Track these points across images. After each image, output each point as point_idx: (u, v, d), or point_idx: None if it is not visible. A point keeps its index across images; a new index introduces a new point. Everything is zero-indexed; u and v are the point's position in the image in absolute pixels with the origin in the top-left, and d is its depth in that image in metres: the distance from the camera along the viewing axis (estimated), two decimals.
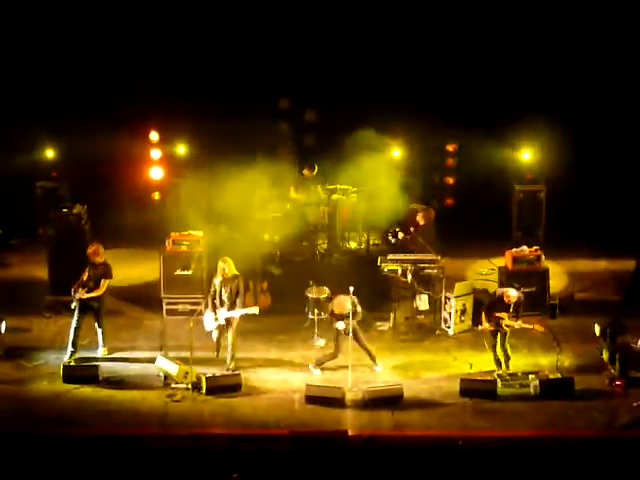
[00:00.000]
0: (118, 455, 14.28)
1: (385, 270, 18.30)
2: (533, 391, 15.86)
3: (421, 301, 18.44)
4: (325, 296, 17.75)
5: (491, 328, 16.30)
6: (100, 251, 16.87)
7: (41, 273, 19.38)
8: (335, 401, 15.59)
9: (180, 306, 18.47)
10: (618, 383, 16.00)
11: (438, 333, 18.05)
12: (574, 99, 20.67)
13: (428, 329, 18.18)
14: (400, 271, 18.22)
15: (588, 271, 20.33)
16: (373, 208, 19.34)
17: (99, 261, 16.84)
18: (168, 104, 20.76)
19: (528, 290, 17.82)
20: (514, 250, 18.69)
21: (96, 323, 16.97)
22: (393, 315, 18.21)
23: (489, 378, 16.13)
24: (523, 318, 16.20)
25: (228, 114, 20.76)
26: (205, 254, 18.57)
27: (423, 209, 19.76)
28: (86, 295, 16.65)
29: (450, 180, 22.03)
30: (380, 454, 14.40)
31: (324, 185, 20.16)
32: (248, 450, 14.46)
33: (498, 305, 16.27)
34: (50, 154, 21.46)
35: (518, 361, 16.64)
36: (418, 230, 19.15)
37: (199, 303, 17.50)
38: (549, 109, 20.29)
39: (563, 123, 20.27)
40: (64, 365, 16.34)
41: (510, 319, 16.12)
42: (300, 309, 18.00)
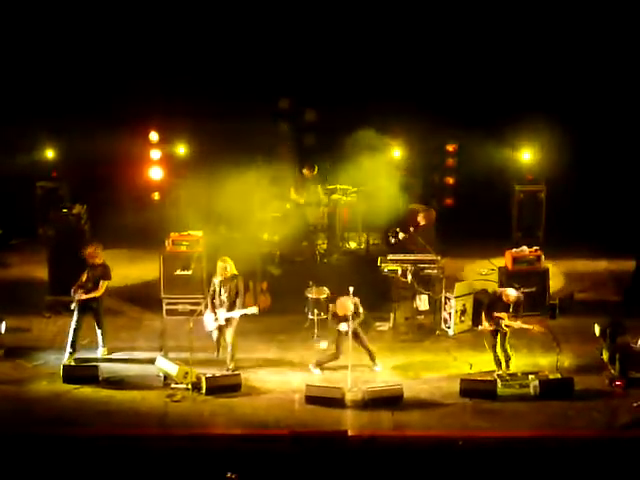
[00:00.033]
0: (118, 455, 14.27)
1: (385, 270, 18.30)
2: (533, 391, 15.85)
3: (421, 301, 18.44)
4: (325, 296, 17.75)
5: (491, 328, 16.30)
6: (98, 252, 16.86)
7: (41, 273, 19.36)
8: (335, 401, 15.58)
9: (180, 306, 18.46)
10: (618, 383, 15.99)
11: (438, 333, 18.04)
12: (574, 99, 20.66)
13: (428, 329, 18.17)
14: (400, 271, 18.22)
15: (588, 271, 20.30)
16: (373, 208, 19.34)
17: (97, 262, 16.83)
18: (168, 104, 20.75)
19: (528, 290, 17.82)
20: (514, 250, 18.67)
21: (96, 324, 16.98)
22: (393, 315, 18.20)
23: (489, 378, 16.13)
24: (523, 318, 16.21)
25: (228, 114, 20.75)
26: (205, 254, 18.56)
27: (424, 209, 19.75)
28: (84, 296, 16.65)
29: (450, 180, 22.01)
30: (380, 454, 14.39)
31: (324, 185, 20.17)
32: (248, 450, 14.46)
33: (498, 305, 16.26)
34: (50, 154, 21.45)
35: (518, 361, 16.63)
36: (418, 230, 19.14)
37: (199, 303, 17.49)
38: (549, 109, 20.27)
39: (563, 123, 20.25)
40: (64, 365, 16.33)
41: (510, 319, 16.14)
42: (300, 309, 18.00)
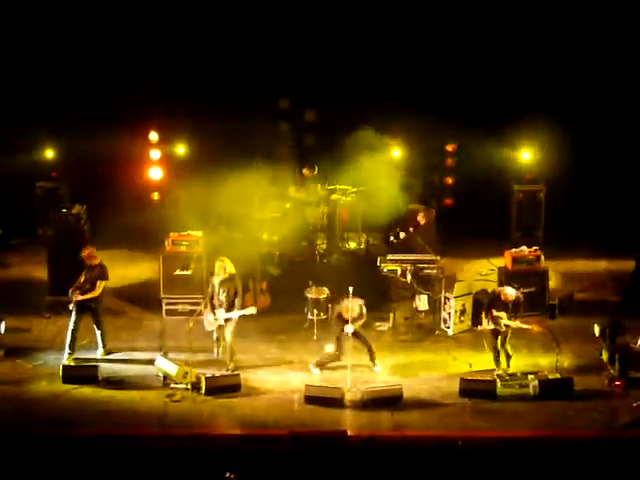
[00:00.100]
0: (117, 455, 14.26)
1: (384, 270, 18.31)
2: (532, 391, 15.84)
3: (420, 301, 18.44)
4: (324, 296, 17.76)
5: (490, 327, 16.29)
6: (94, 253, 16.86)
7: (41, 273, 19.35)
8: (334, 401, 15.58)
9: (180, 306, 18.46)
10: (617, 383, 15.99)
11: (437, 333, 18.03)
12: (574, 99, 20.63)
13: (427, 329, 18.16)
14: (399, 271, 18.23)
15: (588, 271, 20.28)
16: (372, 208, 19.34)
17: (94, 263, 16.82)
18: (168, 104, 20.72)
19: (527, 290, 17.80)
20: (513, 250, 18.66)
21: (94, 324, 16.97)
22: (392, 315, 18.20)
23: (488, 378, 16.13)
24: (522, 318, 16.21)
25: (228, 114, 20.74)
26: (204, 254, 18.56)
27: (424, 209, 19.76)
28: (81, 297, 16.64)
29: (449, 180, 21.99)
30: (379, 454, 14.39)
31: (324, 185, 20.17)
32: (247, 450, 14.47)
33: (497, 304, 16.26)
34: (50, 154, 21.41)
35: (518, 361, 16.63)
36: (418, 230, 19.15)
37: (199, 303, 17.51)
38: (549, 109, 20.26)
39: (563, 123, 20.22)
40: (63, 365, 16.33)
41: (509, 319, 16.14)
42: (299, 309, 18.01)
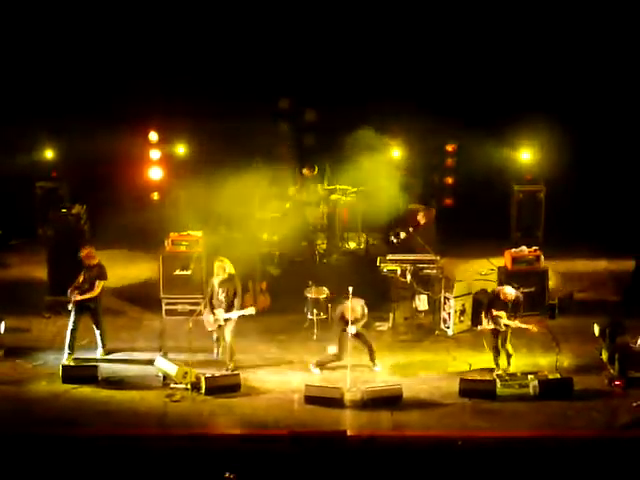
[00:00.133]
0: (117, 455, 14.26)
1: (384, 270, 18.32)
2: (532, 391, 15.84)
3: (420, 301, 18.44)
4: (324, 296, 17.76)
5: (490, 327, 16.29)
6: (93, 253, 16.86)
7: (40, 273, 19.34)
8: (334, 401, 15.58)
9: (179, 306, 18.45)
10: (617, 383, 15.99)
11: (437, 333, 18.02)
12: (574, 99, 20.63)
13: (427, 329, 18.16)
14: (399, 271, 18.23)
15: (587, 271, 20.28)
16: (372, 208, 19.36)
17: (93, 263, 16.82)
18: (168, 104, 20.72)
19: (527, 290, 17.80)
20: (513, 250, 18.65)
21: (93, 324, 16.97)
22: (392, 315, 18.19)
23: (488, 378, 16.13)
24: (521, 318, 16.21)
25: (228, 114, 20.75)
26: (204, 254, 18.55)
27: (424, 209, 19.77)
28: (79, 297, 16.64)
29: (449, 180, 22.00)
30: (379, 454, 14.39)
31: (323, 185, 20.17)
32: (247, 450, 14.46)
33: (496, 303, 16.27)
34: (50, 154, 21.41)
35: (517, 361, 16.62)
36: (418, 230, 19.15)
37: (198, 303, 17.50)
38: (549, 109, 20.26)
39: (563, 123, 20.22)
40: (63, 365, 16.33)
41: (508, 318, 16.13)
42: (299, 309, 18.01)
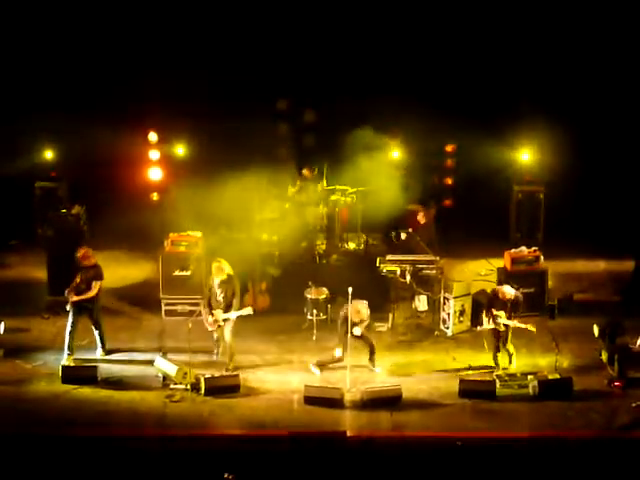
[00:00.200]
0: (117, 455, 14.26)
1: (384, 271, 18.32)
2: (532, 392, 15.85)
3: (420, 302, 18.47)
4: (324, 297, 17.77)
5: (491, 327, 16.29)
6: (89, 254, 16.85)
7: (40, 274, 19.33)
8: (334, 402, 15.58)
9: (179, 307, 18.45)
10: (617, 384, 16.00)
11: (437, 334, 18.02)
12: (574, 99, 20.63)
13: (427, 330, 18.17)
14: (399, 272, 18.24)
15: (587, 272, 20.29)
16: (372, 209, 19.36)
17: (89, 264, 16.82)
18: (167, 105, 20.71)
19: (527, 291, 17.79)
20: (513, 251, 18.66)
21: (92, 325, 16.96)
22: (392, 316, 18.20)
23: (488, 379, 16.14)
24: (520, 318, 16.21)
25: (227, 115, 20.77)
26: (204, 255, 18.54)
27: (423, 208, 19.77)
28: (76, 298, 16.64)
29: (449, 181, 22.00)
30: (379, 455, 14.39)
31: (323, 185, 20.17)
32: (247, 451, 14.47)
33: (495, 303, 16.30)
34: (49, 155, 21.42)
35: (517, 361, 16.64)
36: (418, 230, 19.15)
37: (198, 304, 17.50)
38: (549, 109, 20.27)
39: (563, 123, 20.22)
40: (63, 366, 16.33)
41: (508, 318, 16.13)
42: (299, 310, 18.02)
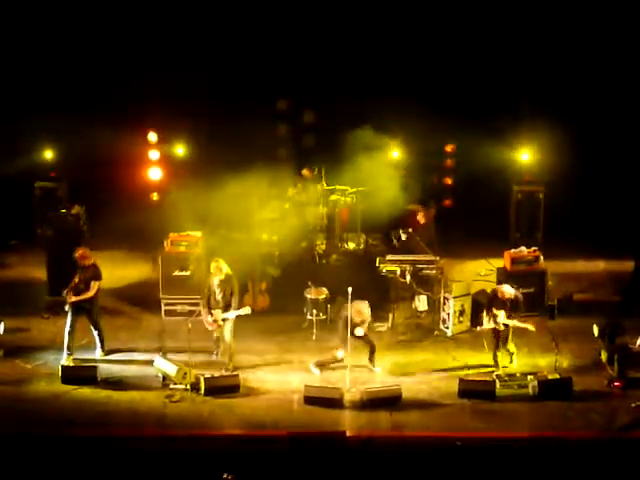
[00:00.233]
0: (117, 455, 14.26)
1: (384, 271, 18.32)
2: (532, 392, 15.85)
3: (420, 302, 18.47)
4: (324, 297, 17.78)
5: (491, 326, 16.29)
6: (87, 254, 16.85)
7: (40, 274, 19.33)
8: (333, 402, 15.59)
9: (179, 307, 18.44)
10: (617, 384, 16.00)
11: (437, 334, 18.02)
12: (574, 100, 20.64)
13: (427, 330, 18.17)
14: (399, 272, 18.24)
15: (587, 272, 20.29)
16: (372, 208, 19.36)
17: (88, 264, 16.82)
18: (167, 105, 20.73)
19: (527, 291, 17.79)
20: (512, 251, 18.67)
21: (91, 325, 16.96)
22: (392, 316, 18.20)
23: (487, 379, 16.14)
24: (520, 317, 16.22)
25: (227, 115, 20.77)
26: (204, 255, 18.54)
27: (423, 208, 19.78)
28: (74, 298, 16.65)
29: (448, 181, 22.01)
30: (378, 455, 14.39)
31: (323, 186, 20.17)
32: (247, 451, 14.47)
33: (495, 302, 16.30)
34: (49, 155, 21.43)
35: (517, 361, 16.64)
36: (418, 230, 19.15)
37: (198, 304, 17.49)
38: (549, 109, 20.27)
39: (563, 123, 20.22)
40: (63, 366, 16.33)
41: (507, 317, 16.13)
42: (299, 310, 18.02)
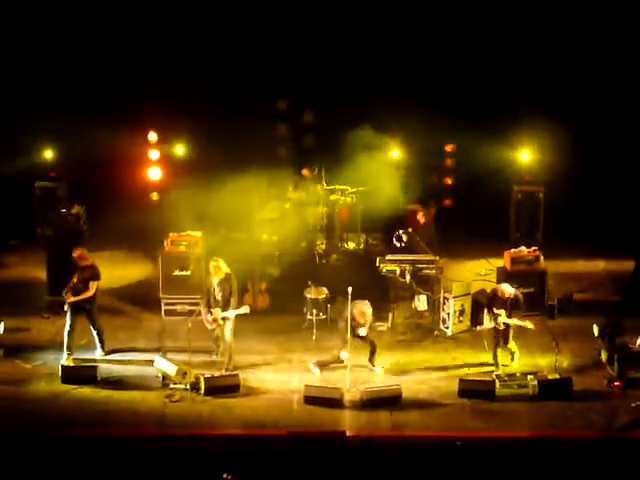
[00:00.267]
0: (116, 455, 14.26)
1: (384, 270, 18.32)
2: (532, 392, 15.83)
3: (420, 301, 18.47)
4: (324, 297, 17.78)
5: (492, 325, 16.30)
6: (85, 254, 16.86)
7: (40, 273, 19.32)
8: (333, 402, 15.58)
9: (179, 307, 18.43)
10: (617, 384, 15.99)
11: (436, 333, 18.02)
12: (574, 99, 20.65)
13: (427, 329, 18.17)
14: (399, 271, 18.24)
15: (587, 272, 20.30)
16: (372, 208, 19.37)
17: (86, 264, 16.82)
18: (167, 105, 20.73)
19: (527, 291, 17.78)
20: (512, 251, 18.66)
21: (90, 325, 16.95)
22: (392, 315, 18.20)
23: (487, 379, 16.14)
24: (520, 317, 16.22)
25: (227, 115, 20.77)
26: (204, 255, 18.53)
27: (423, 208, 19.78)
28: (73, 298, 16.65)
29: (448, 180, 22.02)
30: (378, 455, 14.39)
31: (323, 185, 20.18)
32: (246, 451, 14.46)
33: (495, 302, 16.31)
34: (49, 154, 21.44)
35: (518, 361, 16.66)
36: (418, 230, 19.16)
37: (198, 304, 17.50)
38: (549, 109, 20.27)
39: (563, 123, 20.22)
40: (62, 366, 16.33)
41: (507, 317, 16.14)
42: (299, 310, 18.02)
